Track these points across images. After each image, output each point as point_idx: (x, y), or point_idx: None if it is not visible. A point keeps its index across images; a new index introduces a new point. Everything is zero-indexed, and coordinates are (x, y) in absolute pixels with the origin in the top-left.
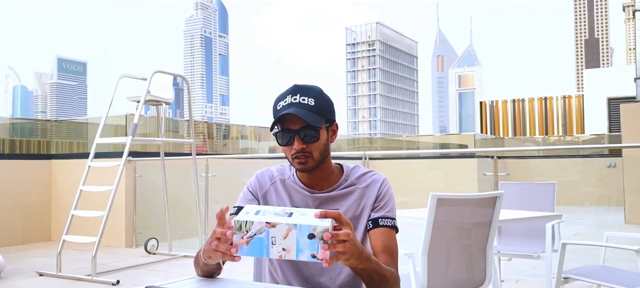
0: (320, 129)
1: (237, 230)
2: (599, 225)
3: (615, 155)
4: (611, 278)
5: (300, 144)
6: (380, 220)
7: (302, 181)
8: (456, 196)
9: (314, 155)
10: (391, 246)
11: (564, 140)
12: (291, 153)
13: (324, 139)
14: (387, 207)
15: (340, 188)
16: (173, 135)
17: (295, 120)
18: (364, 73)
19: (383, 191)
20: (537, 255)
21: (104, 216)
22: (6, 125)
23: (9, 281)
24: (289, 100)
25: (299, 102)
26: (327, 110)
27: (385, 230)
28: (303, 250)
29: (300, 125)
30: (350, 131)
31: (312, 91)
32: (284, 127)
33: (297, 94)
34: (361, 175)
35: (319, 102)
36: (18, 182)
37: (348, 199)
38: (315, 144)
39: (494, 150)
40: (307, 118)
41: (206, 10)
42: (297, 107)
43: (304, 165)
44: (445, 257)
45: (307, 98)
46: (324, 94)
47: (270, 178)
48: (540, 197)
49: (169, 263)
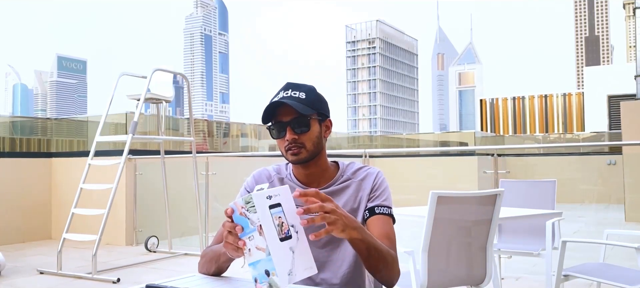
0: (310, 118)
1: (244, 203)
2: (599, 223)
3: (615, 153)
4: (611, 275)
5: (291, 134)
6: (376, 208)
7: (299, 178)
8: (456, 194)
9: (307, 146)
10: (389, 232)
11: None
12: (284, 145)
13: (316, 131)
14: (383, 196)
15: (336, 184)
16: (173, 133)
17: (287, 112)
18: (364, 71)
19: (378, 182)
20: (537, 253)
21: (104, 214)
22: (6, 124)
23: (9, 279)
24: (281, 95)
25: (290, 96)
26: (319, 104)
27: (382, 217)
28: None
29: (291, 116)
30: (351, 129)
31: (304, 87)
32: (276, 120)
33: (289, 89)
34: (356, 170)
35: (310, 96)
36: (18, 181)
37: (345, 193)
38: (307, 135)
39: (494, 148)
40: (296, 108)
41: (206, 8)
42: (288, 99)
43: (296, 157)
44: (445, 254)
45: (298, 92)
46: (317, 91)
47: (268, 178)
48: (540, 194)
49: (169, 261)
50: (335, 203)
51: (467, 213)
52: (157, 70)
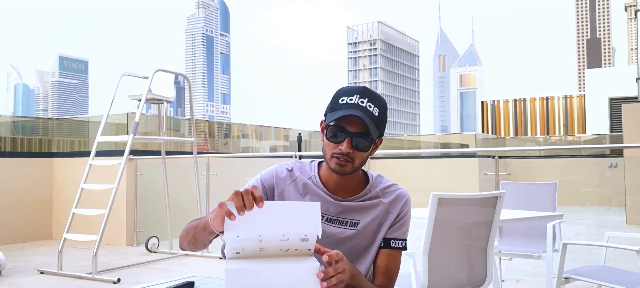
0: (374, 141)
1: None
2: (599, 226)
3: (616, 156)
4: (612, 278)
5: (348, 147)
6: (392, 241)
7: (326, 184)
8: (457, 196)
9: (355, 162)
10: (392, 269)
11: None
12: (333, 151)
13: (369, 151)
14: (404, 227)
15: (363, 198)
16: (174, 133)
17: (355, 124)
18: (365, 72)
19: (404, 211)
20: (537, 255)
21: (105, 214)
22: (7, 123)
23: (10, 279)
24: (356, 100)
25: (366, 108)
26: (384, 125)
27: (393, 252)
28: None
29: (357, 130)
30: None
31: (379, 101)
32: (339, 124)
33: (366, 98)
34: (385, 188)
35: (382, 115)
36: (19, 180)
37: (371, 212)
38: (361, 153)
39: (495, 150)
40: (370, 127)
41: (208, 9)
42: (363, 112)
43: (341, 168)
44: (446, 256)
45: (373, 106)
46: (387, 107)
47: (290, 176)
48: (541, 197)
49: (170, 261)
50: (345, 260)
51: (468, 215)
52: (158, 71)
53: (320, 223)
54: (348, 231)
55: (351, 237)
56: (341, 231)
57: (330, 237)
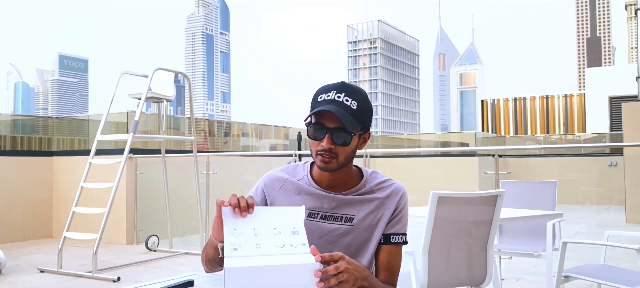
0: (354, 135)
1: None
2: (599, 224)
3: (616, 154)
4: (612, 277)
5: (329, 143)
6: (392, 236)
7: (319, 183)
8: (457, 194)
9: (340, 157)
10: (394, 264)
11: (565, 138)
12: (317, 149)
13: (353, 145)
14: (402, 221)
15: (358, 193)
16: (174, 132)
17: (332, 118)
18: (365, 71)
19: (401, 204)
20: (537, 254)
21: (105, 213)
22: (7, 122)
23: (9, 277)
24: (333, 96)
25: (342, 102)
26: (367, 117)
27: (394, 247)
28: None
29: (335, 125)
30: None
31: (358, 94)
32: (318, 121)
33: (343, 93)
34: (380, 183)
35: (361, 107)
36: (19, 179)
37: (366, 207)
38: (343, 148)
39: (495, 149)
40: (345, 121)
41: (208, 8)
42: (338, 106)
43: (326, 165)
44: (446, 255)
45: (351, 100)
46: (368, 100)
47: (279, 181)
48: (541, 195)
49: (170, 260)
50: (346, 259)
51: (468, 214)
52: (158, 69)
53: (304, 215)
54: (343, 227)
55: (347, 232)
56: (337, 227)
57: (326, 234)
